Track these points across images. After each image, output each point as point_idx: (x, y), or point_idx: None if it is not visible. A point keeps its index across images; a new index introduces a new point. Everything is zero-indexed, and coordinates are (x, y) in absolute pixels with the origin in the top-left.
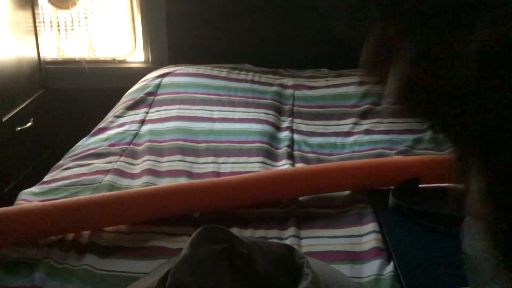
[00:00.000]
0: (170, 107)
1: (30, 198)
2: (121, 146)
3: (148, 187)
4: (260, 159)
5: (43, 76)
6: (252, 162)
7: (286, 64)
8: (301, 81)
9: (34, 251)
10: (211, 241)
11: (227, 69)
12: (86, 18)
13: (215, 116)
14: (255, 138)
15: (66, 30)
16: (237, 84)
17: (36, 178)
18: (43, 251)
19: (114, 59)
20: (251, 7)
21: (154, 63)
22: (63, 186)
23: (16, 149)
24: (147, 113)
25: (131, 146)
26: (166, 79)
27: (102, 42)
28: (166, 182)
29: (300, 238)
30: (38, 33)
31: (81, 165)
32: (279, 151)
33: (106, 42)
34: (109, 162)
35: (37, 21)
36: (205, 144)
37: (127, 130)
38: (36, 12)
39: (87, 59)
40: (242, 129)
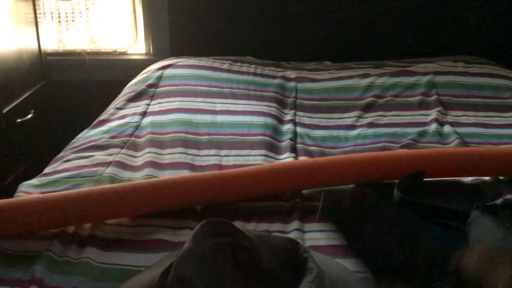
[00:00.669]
0: (171, 99)
1: (30, 190)
2: (122, 138)
3: (150, 180)
4: (263, 152)
5: (44, 68)
6: (255, 155)
7: (289, 56)
8: (304, 74)
9: (34, 244)
10: (214, 234)
11: (229, 61)
12: (87, 9)
13: (217, 109)
14: (257, 130)
15: (67, 21)
16: (239, 77)
17: (36, 170)
18: (43, 244)
19: (115, 51)
20: None
21: (155, 55)
22: (63, 178)
23: (16, 141)
24: (149, 105)
25: (132, 138)
26: (168, 71)
27: (103, 34)
28: (167, 175)
29: (303, 231)
30: (38, 24)
31: (82, 157)
32: (282, 144)
33: (107, 33)
34: (110, 154)
35: (38, 12)
36: (207, 137)
37: (128, 122)
38: (36, 3)
39: (88, 50)
40: (244, 121)
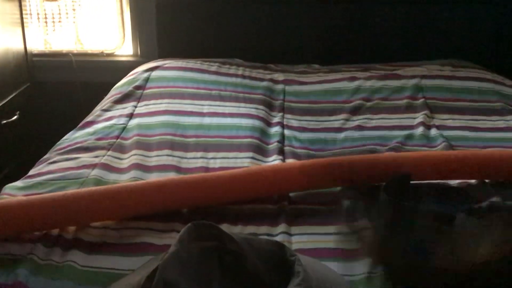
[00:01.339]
0: (159, 101)
1: (14, 193)
2: (108, 140)
3: (136, 182)
4: (250, 154)
5: (30, 69)
6: (242, 158)
7: (277, 59)
8: (292, 76)
9: (17, 247)
10: (200, 237)
11: (217, 64)
12: (74, 10)
13: (204, 111)
14: (245, 133)
15: (53, 22)
16: (227, 79)
17: (21, 172)
18: (27, 247)
19: (102, 52)
20: (241, 1)
21: (143, 57)
22: (48, 180)
23: (1, 142)
24: (136, 107)
25: (118, 140)
26: (155, 73)
27: (90, 35)
28: (154, 177)
29: (290, 234)
30: (25, 25)
31: (67, 159)
32: (270, 147)
33: (94, 34)
34: (96, 156)
35: (24, 12)
36: (194, 139)
37: (115, 124)
38: (23, 3)
39: (75, 52)
40: (232, 124)
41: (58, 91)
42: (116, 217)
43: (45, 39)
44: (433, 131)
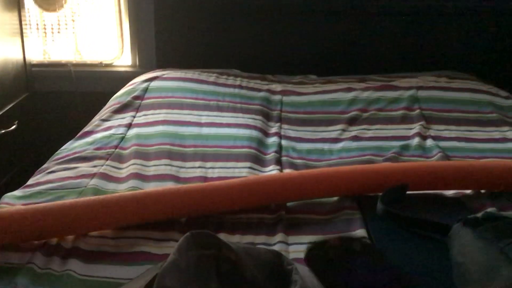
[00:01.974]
0: (157, 111)
1: (13, 202)
2: (107, 150)
3: (134, 192)
4: (248, 164)
5: (29, 79)
6: (240, 167)
7: (274, 70)
8: (289, 87)
9: (16, 256)
10: (199, 246)
11: (215, 74)
12: (73, 21)
13: (202, 121)
14: (243, 143)
15: (52, 32)
16: (225, 89)
17: (20, 181)
18: (26, 256)
19: (101, 63)
20: (239, 12)
21: (141, 67)
22: (47, 189)
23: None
24: (134, 117)
25: (117, 150)
26: (154, 83)
27: (89, 45)
28: (152, 187)
29: (288, 244)
30: (24, 35)
31: (66, 169)
32: (267, 157)
33: (93, 45)
34: (95, 166)
35: (23, 23)
36: (192, 149)
37: (114, 134)
38: (22, 14)
39: (74, 62)
40: (230, 134)
41: (56, 101)
42: (115, 226)
43: (44, 50)
44: (429, 142)
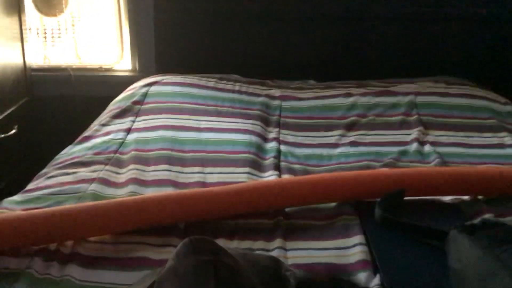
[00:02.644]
0: (157, 116)
1: (12, 207)
2: (106, 155)
3: (133, 197)
4: (247, 169)
5: (29, 83)
6: (239, 173)
7: (274, 75)
8: (288, 92)
9: (15, 261)
10: (197, 252)
11: (214, 79)
12: (73, 25)
13: (202, 126)
14: (241, 148)
15: (52, 37)
16: (225, 94)
17: (19, 186)
18: (25, 261)
19: (100, 67)
20: (239, 18)
21: (141, 72)
22: (46, 194)
23: None
24: (134, 121)
25: (116, 155)
26: (153, 88)
27: (89, 50)
28: (151, 192)
29: (286, 250)
30: (24, 39)
31: (65, 174)
32: (266, 162)
33: (93, 50)
34: (94, 171)
35: (23, 27)
36: (191, 154)
37: (113, 139)
38: (22, 18)
39: (74, 66)
40: (229, 139)
41: (56, 105)
42: (113, 231)
43: (44, 54)
44: (427, 147)
